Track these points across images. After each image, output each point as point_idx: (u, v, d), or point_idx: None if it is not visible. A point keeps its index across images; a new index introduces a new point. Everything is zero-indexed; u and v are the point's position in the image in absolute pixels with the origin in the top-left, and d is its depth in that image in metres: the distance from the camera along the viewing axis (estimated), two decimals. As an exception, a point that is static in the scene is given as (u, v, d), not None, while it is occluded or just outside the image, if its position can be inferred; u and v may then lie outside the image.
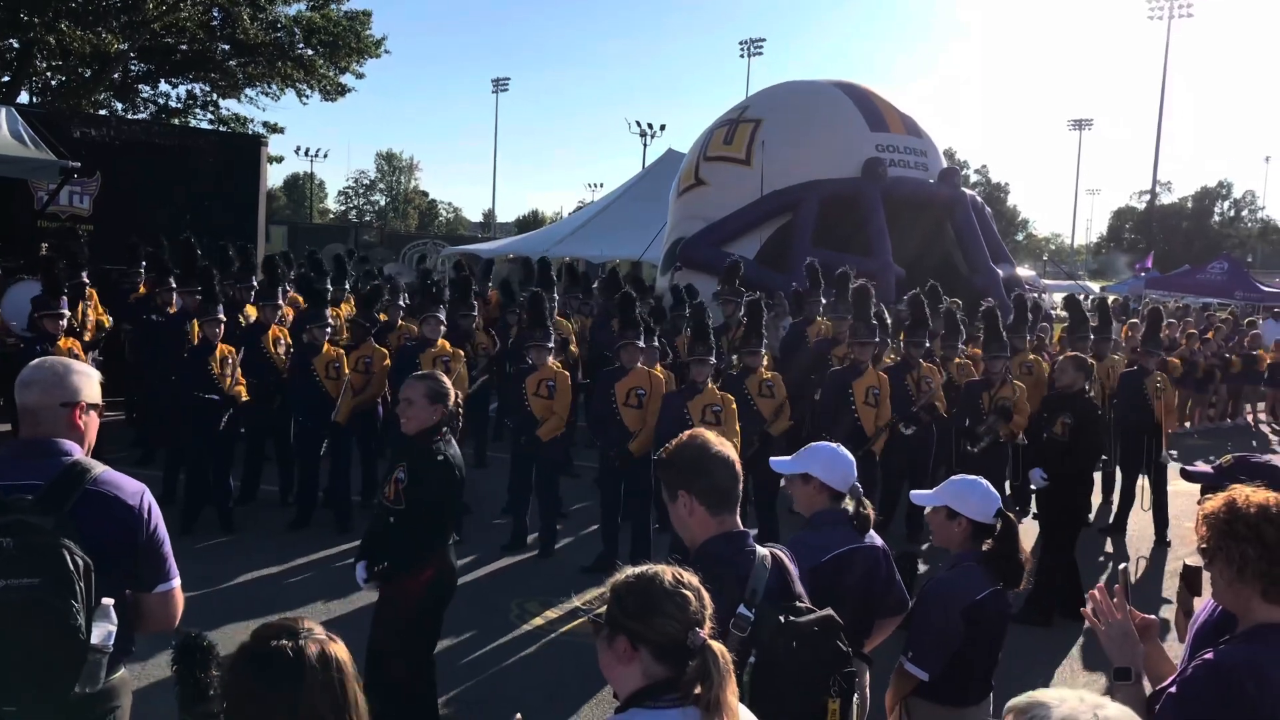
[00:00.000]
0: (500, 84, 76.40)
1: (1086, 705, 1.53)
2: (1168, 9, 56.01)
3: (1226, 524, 2.43)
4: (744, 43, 61.00)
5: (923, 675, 3.51)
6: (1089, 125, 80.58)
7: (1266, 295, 32.21)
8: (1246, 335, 18.56)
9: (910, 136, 17.39)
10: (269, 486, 9.22)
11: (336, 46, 26.86)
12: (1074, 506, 7.40)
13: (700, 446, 2.75)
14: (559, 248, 24.49)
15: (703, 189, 17.69)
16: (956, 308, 10.69)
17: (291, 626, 1.81)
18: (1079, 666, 6.45)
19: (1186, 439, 14.34)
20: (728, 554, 2.67)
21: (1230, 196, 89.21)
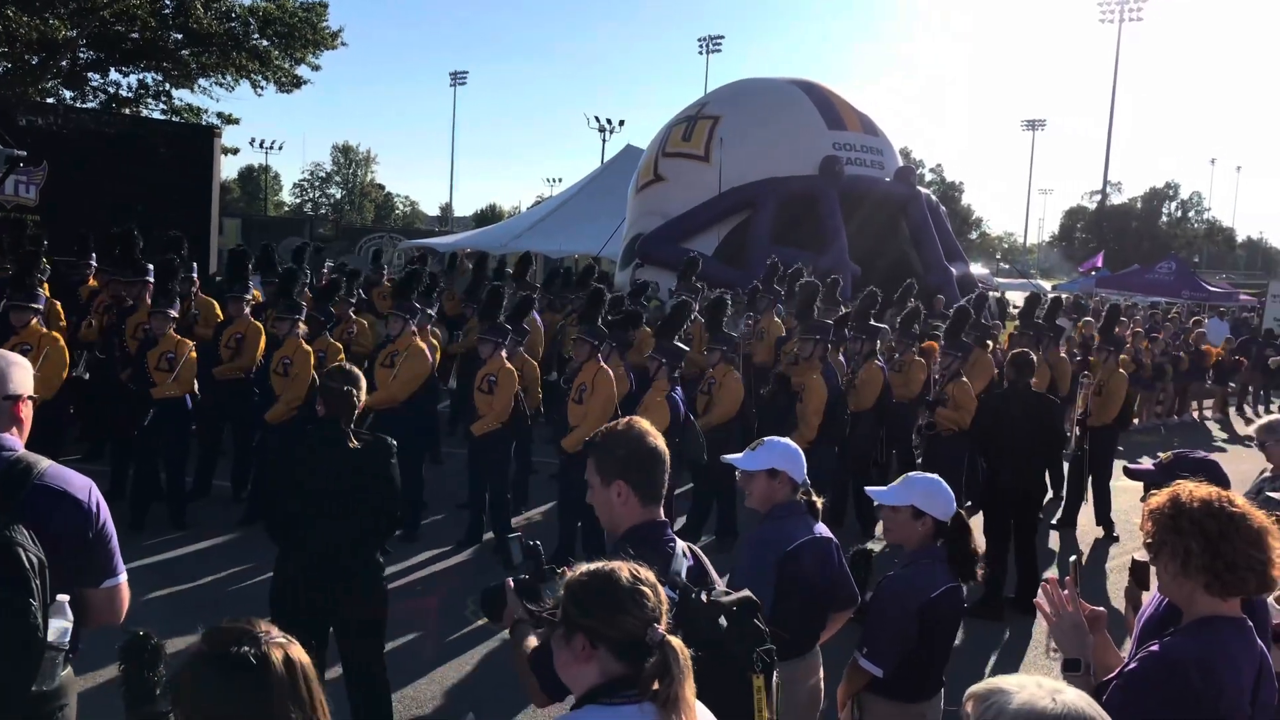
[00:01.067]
0: (458, 77, 75.98)
1: (1044, 691, 1.55)
2: (1118, 12, 56.97)
3: (1171, 519, 2.48)
4: (703, 40, 61.20)
5: (877, 672, 3.54)
6: (1042, 126, 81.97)
7: (1212, 295, 32.91)
8: (1192, 334, 18.92)
9: (867, 135, 17.53)
10: (222, 482, 9.10)
11: (292, 37, 26.51)
12: (1022, 500, 7.50)
13: (639, 438, 2.80)
14: (517, 242, 24.38)
15: (661, 185, 17.71)
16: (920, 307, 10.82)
17: (251, 631, 1.76)
18: (1033, 657, 6.55)
19: (1136, 436, 14.58)
20: (653, 539, 2.74)
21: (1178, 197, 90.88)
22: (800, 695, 3.72)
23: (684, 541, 2.85)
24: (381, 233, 36.66)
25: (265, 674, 1.70)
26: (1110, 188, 77.74)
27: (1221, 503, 2.47)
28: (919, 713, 3.68)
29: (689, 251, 14.25)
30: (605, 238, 20.61)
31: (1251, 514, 2.47)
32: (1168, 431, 15.99)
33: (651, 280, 14.15)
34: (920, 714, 3.69)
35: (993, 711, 1.56)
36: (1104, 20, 57.86)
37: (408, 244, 29.07)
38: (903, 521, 3.71)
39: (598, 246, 21.07)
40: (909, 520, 3.69)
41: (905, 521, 3.70)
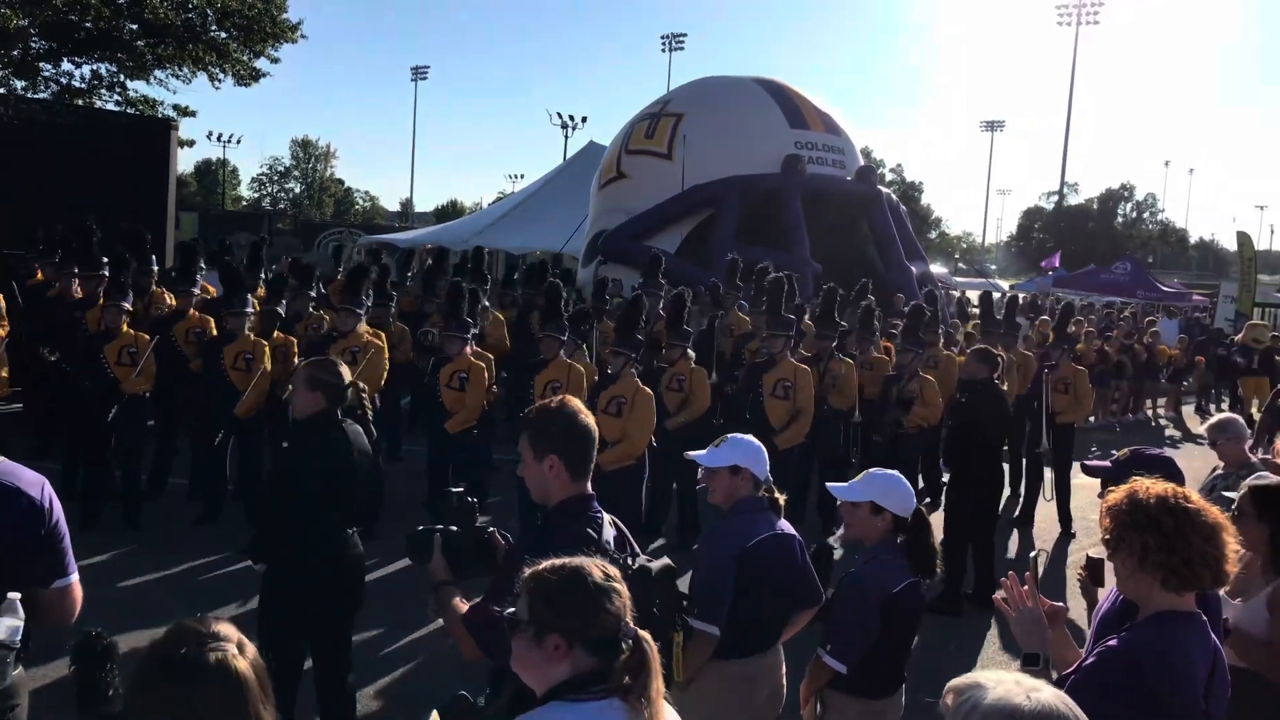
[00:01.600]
0: (420, 72, 75.48)
1: (1021, 688, 1.57)
2: (1076, 15, 57.64)
3: (1129, 515, 2.51)
4: (665, 37, 61.29)
5: (840, 668, 3.55)
6: (1000, 127, 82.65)
7: (1166, 295, 33.43)
8: (1146, 333, 19.21)
9: (829, 134, 17.63)
10: (178, 480, 8.97)
11: (250, 30, 26.12)
12: (981, 497, 7.57)
13: (571, 415, 2.93)
14: (478, 238, 24.21)
15: (624, 182, 17.70)
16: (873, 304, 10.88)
17: (206, 631, 1.74)
18: (991, 652, 6.62)
19: (1089, 434, 14.77)
20: (581, 512, 2.90)
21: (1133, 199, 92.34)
22: (762, 692, 3.73)
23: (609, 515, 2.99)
24: (341, 228, 36.28)
25: (237, 675, 1.69)
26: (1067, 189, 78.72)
27: (1177, 499, 2.50)
28: (880, 709, 3.70)
29: (652, 249, 14.25)
30: (568, 234, 20.59)
31: (1206, 509, 2.51)
32: (1122, 430, 16.23)
33: (615, 278, 14.14)
34: (881, 710, 3.71)
35: (968, 705, 1.58)
36: (1061, 23, 58.55)
37: (367, 240, 28.79)
38: (862, 517, 3.72)
39: (560, 243, 21.03)
40: (868, 516, 3.70)
41: (865, 517, 3.71)
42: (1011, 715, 1.53)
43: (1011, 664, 6.24)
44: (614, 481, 7.13)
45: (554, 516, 2.92)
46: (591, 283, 13.89)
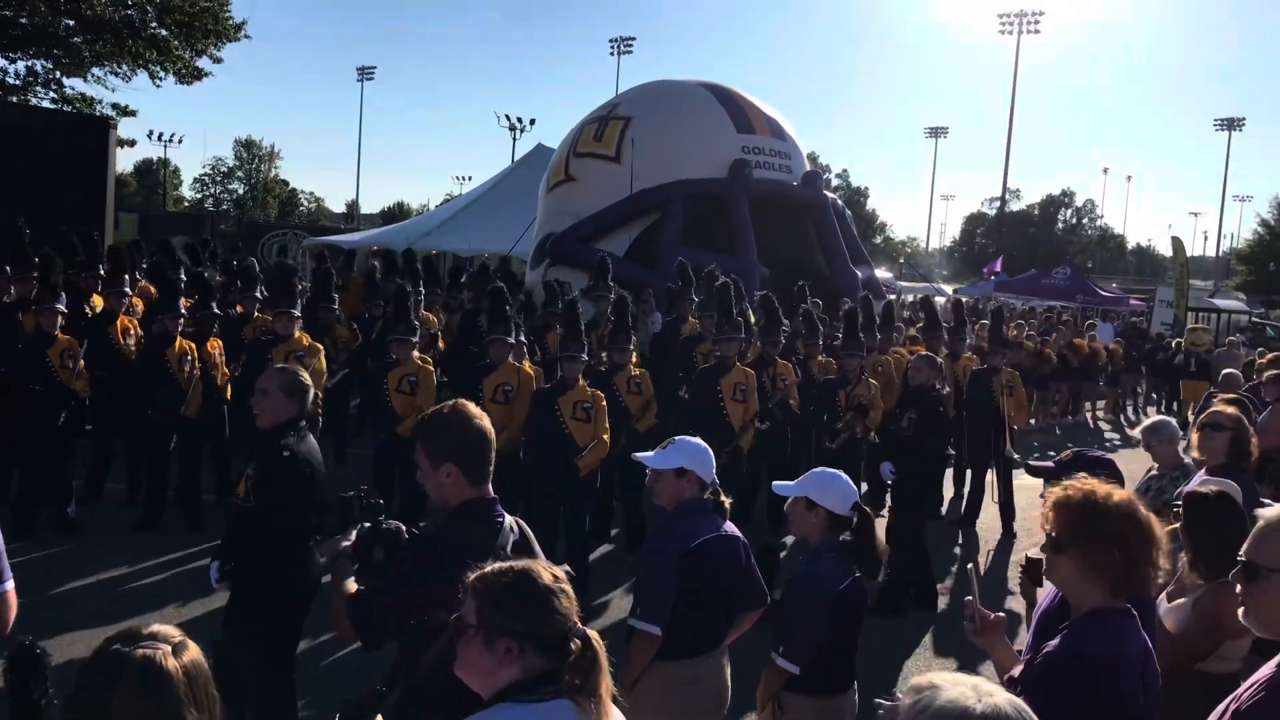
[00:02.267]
0: (366, 72, 74.73)
1: (975, 692, 1.59)
2: (1017, 25, 58.68)
3: (1089, 520, 2.52)
4: (614, 40, 61.28)
5: (794, 669, 3.57)
6: (944, 134, 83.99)
7: (1104, 299, 34.14)
8: (1085, 337, 19.59)
9: (775, 139, 17.73)
10: (115, 484, 8.79)
11: (192, 27, 25.75)
12: (924, 500, 7.68)
13: (465, 420, 2.91)
14: (426, 240, 24.09)
15: (572, 185, 17.67)
16: (816, 307, 10.98)
17: (144, 632, 1.75)
18: (932, 655, 6.70)
19: (1029, 435, 15.03)
20: (480, 515, 2.89)
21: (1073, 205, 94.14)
22: (707, 693, 3.74)
23: (511, 517, 2.98)
24: (285, 229, 35.78)
25: (160, 674, 1.69)
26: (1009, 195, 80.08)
27: (1135, 507, 2.57)
28: (836, 707, 3.74)
29: (600, 252, 14.23)
30: (516, 237, 20.49)
31: (1154, 519, 2.58)
32: (1062, 432, 16.54)
33: (564, 281, 14.11)
34: (838, 708, 3.75)
35: (921, 704, 1.60)
36: (1004, 31, 59.56)
37: (312, 241, 28.46)
38: (799, 514, 3.79)
39: (508, 245, 20.93)
40: (804, 512, 3.76)
41: (801, 513, 3.78)
42: (961, 717, 1.55)
43: (949, 665, 6.34)
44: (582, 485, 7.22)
45: (452, 521, 2.90)
46: (540, 285, 13.85)
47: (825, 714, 3.70)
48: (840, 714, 3.75)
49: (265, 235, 31.42)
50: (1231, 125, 72.35)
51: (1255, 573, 2.27)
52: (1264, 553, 2.27)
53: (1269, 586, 2.24)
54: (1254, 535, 2.32)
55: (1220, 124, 72.67)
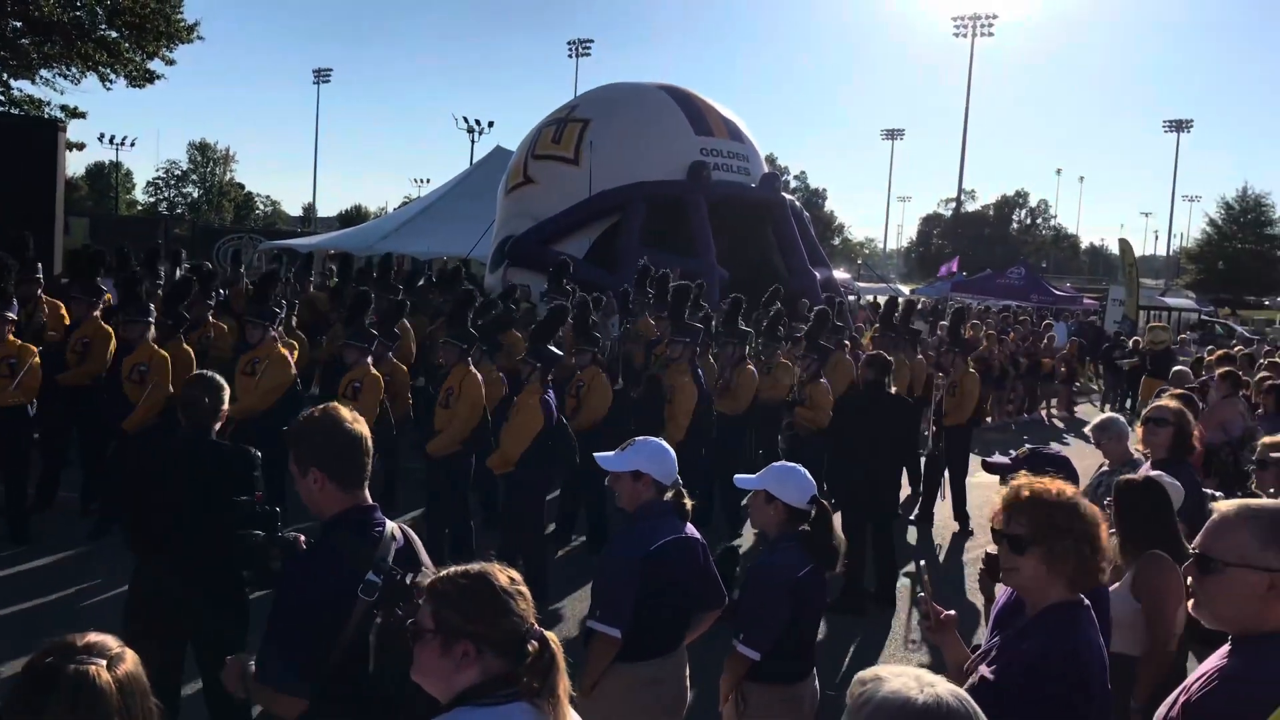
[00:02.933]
0: (322, 75, 74.12)
1: (917, 683, 1.61)
2: (971, 28, 59.35)
3: (1053, 518, 2.56)
4: (572, 43, 61.34)
5: (755, 655, 3.62)
6: (900, 136, 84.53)
7: (1058, 298, 34.65)
8: (1043, 337, 19.86)
9: (733, 141, 17.83)
10: (67, 493, 8.64)
11: (143, 29, 25.37)
12: (878, 497, 7.74)
13: (333, 423, 2.82)
14: (384, 244, 23.89)
15: (531, 187, 17.65)
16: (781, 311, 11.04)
17: (78, 644, 1.73)
18: (894, 648, 6.77)
19: (987, 433, 15.21)
20: (357, 525, 2.77)
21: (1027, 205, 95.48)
22: (667, 694, 3.76)
23: (395, 523, 2.88)
24: (240, 233, 35.37)
25: (93, 690, 1.67)
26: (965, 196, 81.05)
27: (1085, 501, 2.62)
28: (796, 694, 3.78)
29: (559, 254, 14.24)
30: (474, 239, 20.41)
31: (1100, 513, 2.64)
32: (1017, 429, 16.74)
33: (522, 284, 14.08)
34: (798, 696, 3.79)
35: (865, 696, 1.62)
36: (958, 34, 60.23)
37: (268, 245, 28.17)
38: (758, 506, 3.86)
39: (467, 248, 20.84)
40: (762, 505, 3.83)
41: (760, 506, 3.84)
42: (903, 707, 1.57)
43: (912, 660, 6.40)
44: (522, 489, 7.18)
45: (326, 533, 2.80)
46: (499, 288, 13.81)
47: (786, 702, 3.75)
48: (800, 702, 3.79)
49: (220, 239, 31.01)
50: (1180, 127, 73.70)
51: (1209, 565, 2.29)
52: (1218, 546, 2.29)
53: (1223, 580, 2.26)
54: (1208, 528, 2.34)
55: (1169, 125, 74.00)
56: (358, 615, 2.61)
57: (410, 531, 2.92)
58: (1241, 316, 48.42)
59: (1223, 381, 8.87)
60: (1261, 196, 67.61)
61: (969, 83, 60.24)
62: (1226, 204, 68.36)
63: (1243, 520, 2.29)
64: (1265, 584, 2.22)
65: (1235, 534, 2.28)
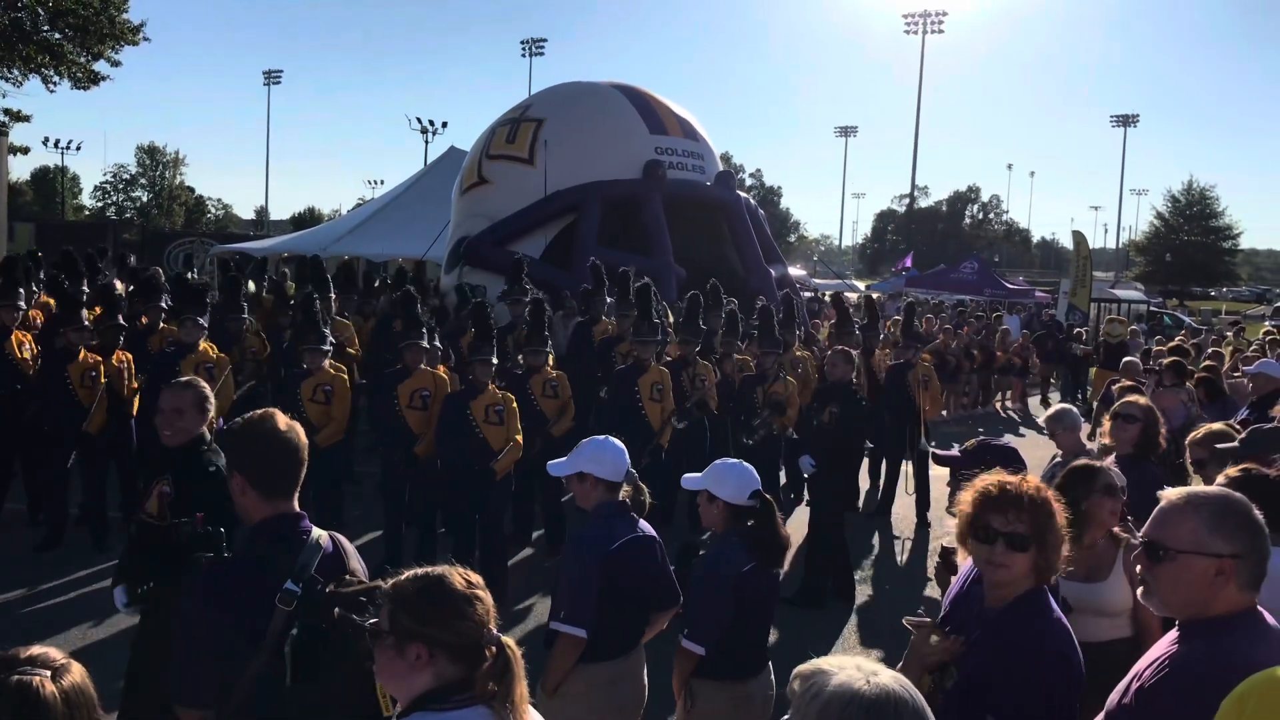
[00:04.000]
0: (273, 76, 73.36)
1: (861, 673, 1.63)
2: (922, 25, 59.97)
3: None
4: (525, 42, 61.16)
5: (699, 650, 3.63)
6: (854, 133, 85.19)
7: (1011, 292, 35.09)
8: (996, 330, 20.10)
9: (688, 140, 17.85)
10: (15, 505, 8.47)
11: (87, 31, 24.93)
12: (842, 492, 7.80)
13: (264, 430, 2.80)
14: (338, 246, 23.66)
15: (486, 188, 17.55)
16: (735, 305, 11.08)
17: (20, 657, 1.70)
18: (852, 643, 6.82)
19: (943, 426, 15.37)
20: (279, 533, 2.75)
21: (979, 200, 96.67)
22: (625, 693, 3.76)
23: (322, 530, 2.85)
24: (192, 237, 34.83)
25: (37, 701, 1.65)
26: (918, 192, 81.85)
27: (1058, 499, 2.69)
28: (745, 692, 3.79)
29: (515, 254, 14.17)
30: (430, 241, 20.27)
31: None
32: (973, 422, 16.93)
33: (479, 284, 14.01)
34: (748, 693, 3.80)
35: (813, 691, 1.63)
36: (909, 31, 60.83)
37: (220, 249, 27.79)
38: (703, 505, 3.89)
39: (422, 250, 20.69)
40: (705, 504, 3.87)
41: (704, 505, 3.88)
42: (852, 699, 1.59)
43: (870, 654, 6.46)
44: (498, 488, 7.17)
45: (248, 542, 2.78)
46: (454, 289, 13.72)
47: (735, 699, 3.75)
48: (751, 699, 3.80)
49: (171, 244, 30.54)
50: (1127, 122, 74.99)
51: (1156, 553, 2.34)
52: (1167, 534, 2.34)
53: (1172, 567, 2.31)
54: (1155, 516, 2.39)
55: (1116, 120, 75.28)
56: (276, 625, 2.57)
57: (341, 539, 2.88)
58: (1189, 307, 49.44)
59: (1168, 371, 9.05)
60: (1207, 189, 69.13)
61: (920, 79, 60.93)
62: (1173, 197, 69.72)
63: (1190, 508, 2.34)
64: (1213, 569, 2.27)
65: (1184, 521, 2.33)
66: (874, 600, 7.80)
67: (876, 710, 1.58)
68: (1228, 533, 2.29)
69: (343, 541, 2.88)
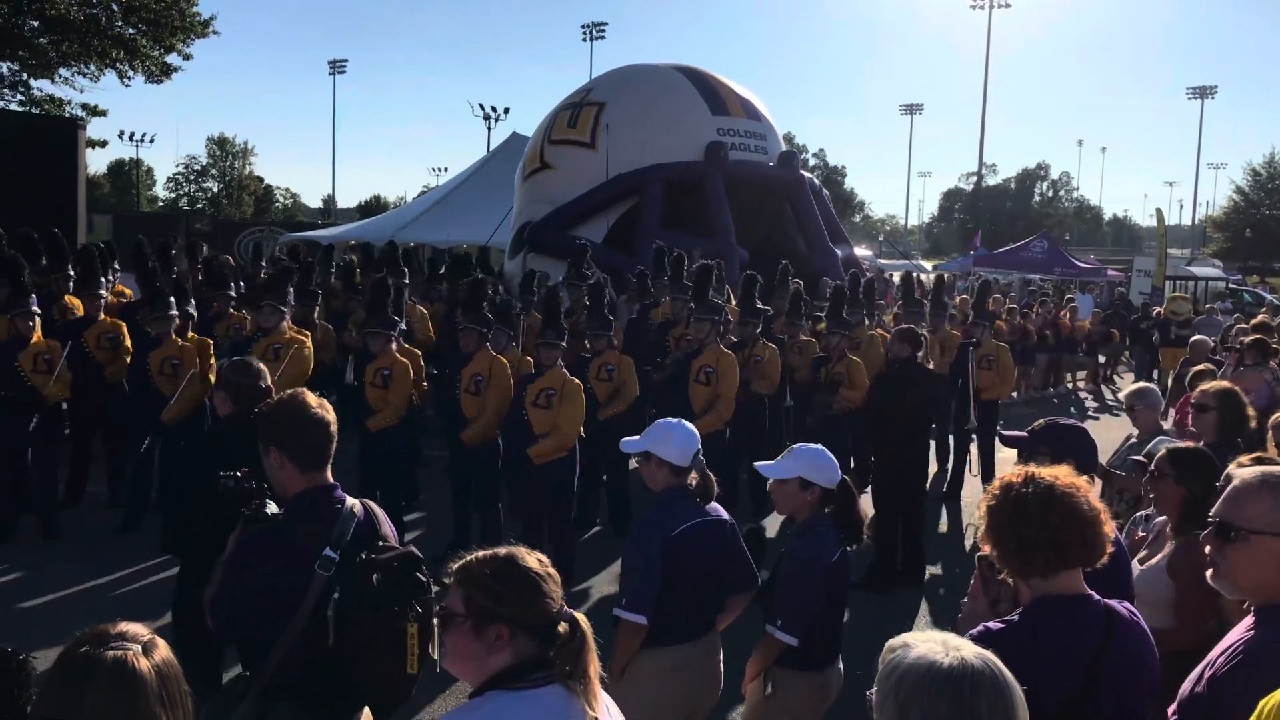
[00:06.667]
0: (337, 66, 74.25)
1: (943, 647, 1.63)
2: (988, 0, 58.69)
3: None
4: (586, 26, 61.15)
5: (793, 641, 3.57)
6: (919, 110, 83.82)
7: (1082, 271, 34.32)
8: (1065, 309, 19.68)
9: (750, 120, 17.70)
10: (95, 488, 8.73)
11: (159, 24, 25.51)
12: (908, 473, 7.69)
13: (297, 406, 2.96)
14: (403, 233, 23.92)
15: (548, 172, 17.60)
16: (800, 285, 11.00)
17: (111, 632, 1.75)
18: (922, 627, 6.74)
19: (1013, 408, 15.12)
20: (316, 504, 2.92)
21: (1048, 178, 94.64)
22: (695, 679, 3.74)
23: (357, 500, 3.00)
24: (261, 226, 35.48)
25: (133, 675, 1.68)
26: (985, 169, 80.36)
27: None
28: (825, 680, 3.77)
29: (577, 239, 14.21)
30: (493, 227, 20.40)
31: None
32: (1044, 403, 16.63)
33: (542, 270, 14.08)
34: (827, 682, 3.77)
35: (894, 662, 1.64)
36: (975, 7, 59.56)
37: (289, 237, 28.26)
38: (790, 493, 3.77)
39: (485, 236, 20.83)
40: (796, 491, 3.75)
41: (793, 493, 3.76)
42: (928, 672, 1.59)
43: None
44: (545, 474, 7.14)
45: (287, 513, 2.92)
46: (519, 275, 13.78)
47: (814, 687, 3.72)
48: (828, 687, 3.78)
49: (241, 233, 31.17)
50: (1204, 93, 72.68)
51: (1229, 533, 2.25)
52: (1239, 514, 2.24)
53: (1244, 548, 2.22)
54: (1227, 495, 2.30)
55: (1192, 92, 73.01)
56: (316, 589, 2.72)
57: (374, 506, 3.04)
58: (1271, 284, 47.87)
59: (1251, 350, 8.77)
60: (1289, 162, 66.71)
61: (987, 55, 59.68)
62: (1253, 170, 67.47)
63: (1263, 488, 2.24)
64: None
65: (1256, 501, 2.23)
66: (943, 583, 7.70)
67: (952, 683, 1.58)
68: None
69: (374, 509, 3.03)
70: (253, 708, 2.75)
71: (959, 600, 3.03)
